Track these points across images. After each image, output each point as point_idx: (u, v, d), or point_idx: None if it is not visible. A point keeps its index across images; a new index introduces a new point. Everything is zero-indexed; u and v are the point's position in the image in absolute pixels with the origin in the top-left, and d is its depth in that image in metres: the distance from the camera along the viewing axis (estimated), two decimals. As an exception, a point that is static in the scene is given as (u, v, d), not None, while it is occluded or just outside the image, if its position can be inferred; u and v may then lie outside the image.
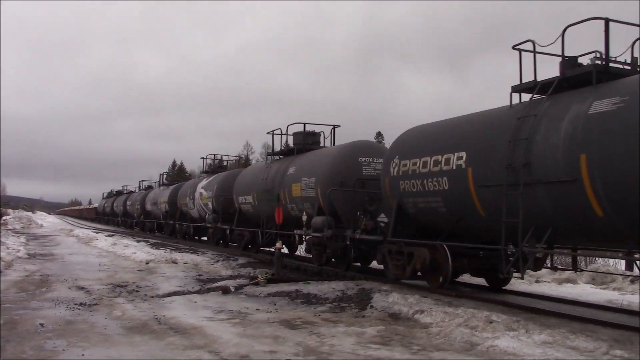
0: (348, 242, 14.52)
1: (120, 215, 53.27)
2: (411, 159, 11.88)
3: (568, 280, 14.14)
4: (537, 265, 10.71)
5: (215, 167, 30.23)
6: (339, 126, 18.83)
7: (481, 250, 11.51)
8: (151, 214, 40.34)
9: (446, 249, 11.24)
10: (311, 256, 16.81)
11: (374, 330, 8.09)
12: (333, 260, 15.70)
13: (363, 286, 11.85)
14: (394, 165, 12.42)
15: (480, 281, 13.00)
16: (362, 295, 10.91)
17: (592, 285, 13.72)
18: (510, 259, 9.86)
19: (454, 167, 10.65)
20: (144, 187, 49.84)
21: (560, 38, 9.35)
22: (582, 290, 13.12)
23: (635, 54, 9.01)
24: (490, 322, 8.12)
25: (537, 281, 14.26)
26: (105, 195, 71.25)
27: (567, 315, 9.04)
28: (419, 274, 12.07)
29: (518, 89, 10.15)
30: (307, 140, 18.57)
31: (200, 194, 27.21)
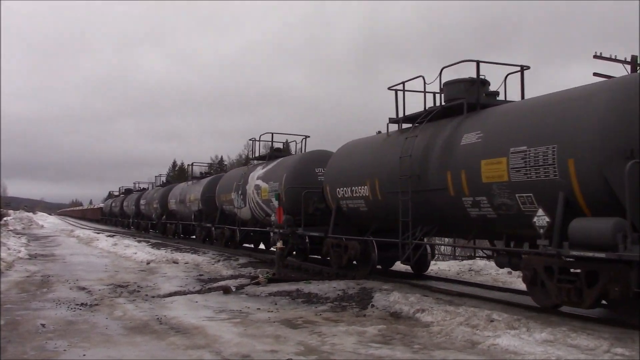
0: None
1: (132, 216, 46.63)
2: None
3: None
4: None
5: (273, 151, 21.73)
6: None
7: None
8: (176, 214, 33.74)
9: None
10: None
11: (375, 329, 8.09)
12: (294, 252, 17.97)
13: (364, 285, 11.86)
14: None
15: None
16: (363, 295, 10.91)
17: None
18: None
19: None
20: (160, 183, 43.94)
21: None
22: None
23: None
24: (491, 321, 8.12)
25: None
26: (112, 193, 67.79)
27: (568, 314, 9.03)
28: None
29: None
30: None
31: (257, 187, 20.08)
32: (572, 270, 8.54)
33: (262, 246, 24.79)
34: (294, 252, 17.88)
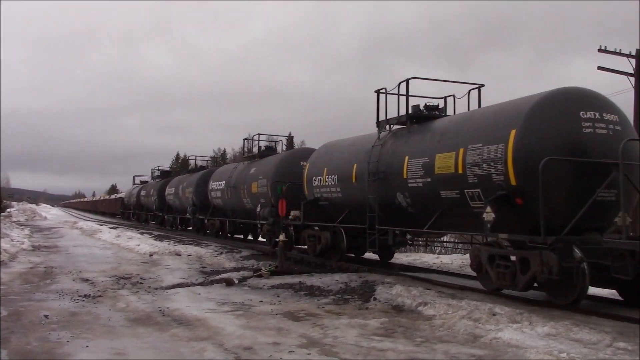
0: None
1: (175, 208, 33.58)
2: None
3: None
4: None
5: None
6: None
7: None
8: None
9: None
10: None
11: (377, 322, 8.10)
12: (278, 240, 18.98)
13: (366, 278, 11.86)
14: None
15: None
16: (366, 288, 10.92)
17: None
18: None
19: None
20: (157, 175, 41.49)
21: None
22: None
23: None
24: (494, 315, 8.11)
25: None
26: (139, 180, 49.22)
27: (570, 308, 9.02)
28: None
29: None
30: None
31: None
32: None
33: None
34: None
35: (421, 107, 13.13)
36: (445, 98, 13.48)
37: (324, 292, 10.76)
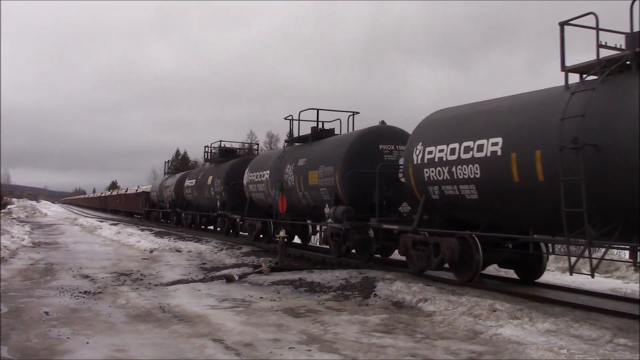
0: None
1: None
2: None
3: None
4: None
5: (320, 131, 18.11)
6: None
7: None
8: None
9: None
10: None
11: (377, 318, 8.10)
12: (353, 251, 15.03)
13: (367, 275, 11.86)
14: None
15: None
16: (366, 284, 10.92)
17: (595, 274, 13.65)
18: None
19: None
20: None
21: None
22: (586, 278, 13.07)
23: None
24: (494, 311, 8.11)
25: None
26: (169, 167, 40.96)
27: (570, 304, 9.03)
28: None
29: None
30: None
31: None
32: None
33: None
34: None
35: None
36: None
37: (324, 289, 10.76)
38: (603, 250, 9.71)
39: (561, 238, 9.21)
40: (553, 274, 13.76)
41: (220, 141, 27.42)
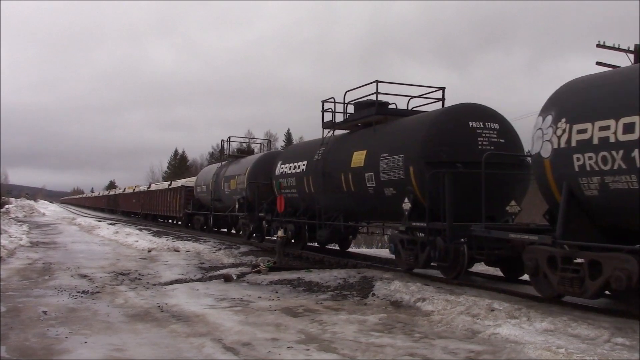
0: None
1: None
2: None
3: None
4: None
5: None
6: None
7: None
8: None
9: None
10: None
11: (375, 318, 8.10)
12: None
13: (365, 274, 11.87)
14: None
15: None
16: (364, 284, 10.93)
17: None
18: None
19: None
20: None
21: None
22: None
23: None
24: (492, 310, 8.12)
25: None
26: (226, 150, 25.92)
27: (568, 303, 9.03)
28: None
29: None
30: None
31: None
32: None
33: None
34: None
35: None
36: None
37: (323, 288, 10.77)
38: None
39: None
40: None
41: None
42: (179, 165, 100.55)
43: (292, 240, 17.17)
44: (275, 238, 15.88)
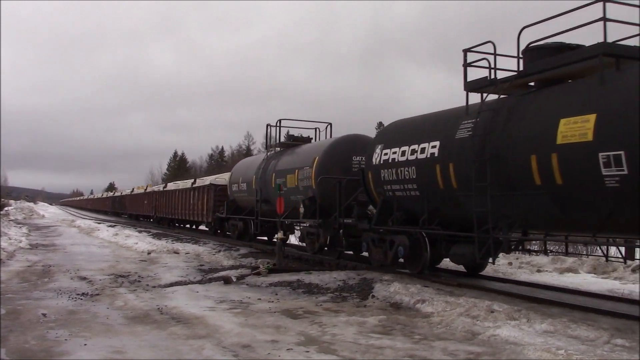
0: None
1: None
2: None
3: (569, 270, 14.15)
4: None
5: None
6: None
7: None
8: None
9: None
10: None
11: (375, 319, 8.10)
12: (325, 249, 16.18)
13: (364, 276, 11.87)
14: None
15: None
16: (364, 285, 10.92)
17: (593, 275, 13.71)
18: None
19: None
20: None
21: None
22: (583, 279, 13.13)
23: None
24: (492, 312, 8.12)
25: (538, 271, 14.27)
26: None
27: (568, 305, 9.04)
28: (401, 260, 12.54)
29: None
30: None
31: None
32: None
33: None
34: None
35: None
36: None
37: (322, 290, 10.77)
38: None
39: None
40: (551, 275, 13.80)
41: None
42: (179, 167, 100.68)
43: (401, 260, 12.59)
44: (367, 254, 13.67)
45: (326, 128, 19.69)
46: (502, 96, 10.65)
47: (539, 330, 7.25)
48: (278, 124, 20.57)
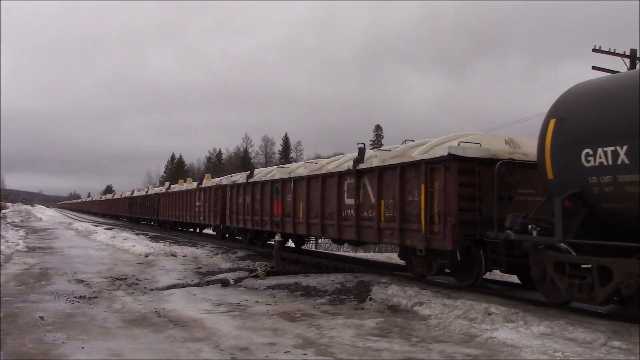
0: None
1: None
2: None
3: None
4: None
5: None
6: None
7: None
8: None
9: None
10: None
11: (373, 322, 8.11)
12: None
13: (362, 279, 11.88)
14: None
15: None
16: (361, 288, 10.93)
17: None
18: None
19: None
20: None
21: None
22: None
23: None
24: (489, 314, 8.14)
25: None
26: None
27: (565, 307, 9.05)
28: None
29: None
30: None
31: None
32: None
33: None
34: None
35: None
36: None
37: (320, 293, 10.77)
38: None
39: None
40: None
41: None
42: (176, 169, 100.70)
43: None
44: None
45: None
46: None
47: (536, 333, 7.26)
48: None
